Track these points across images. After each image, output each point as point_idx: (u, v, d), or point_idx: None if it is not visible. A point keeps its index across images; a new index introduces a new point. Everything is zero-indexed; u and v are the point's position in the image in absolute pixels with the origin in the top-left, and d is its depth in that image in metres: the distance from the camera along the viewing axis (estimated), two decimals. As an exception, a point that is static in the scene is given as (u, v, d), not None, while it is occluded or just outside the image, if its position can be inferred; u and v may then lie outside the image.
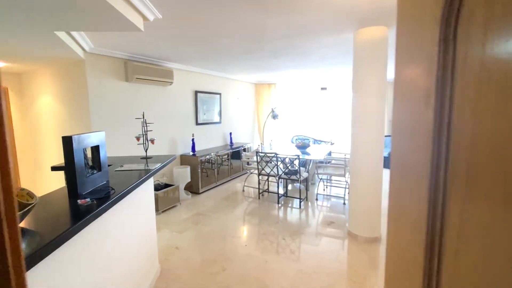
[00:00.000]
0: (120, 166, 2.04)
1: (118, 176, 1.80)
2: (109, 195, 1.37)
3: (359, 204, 3.07)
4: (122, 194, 1.47)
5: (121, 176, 1.81)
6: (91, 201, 1.24)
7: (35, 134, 4.35)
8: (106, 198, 1.34)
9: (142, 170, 1.93)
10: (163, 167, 2.18)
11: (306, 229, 3.38)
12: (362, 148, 2.99)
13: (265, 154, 4.33)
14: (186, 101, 5.01)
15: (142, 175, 1.83)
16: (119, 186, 1.57)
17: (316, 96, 7.84)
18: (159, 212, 3.88)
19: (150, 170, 1.94)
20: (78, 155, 1.32)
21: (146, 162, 2.27)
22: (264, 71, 5.61)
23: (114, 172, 1.90)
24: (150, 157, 2.45)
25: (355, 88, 3.02)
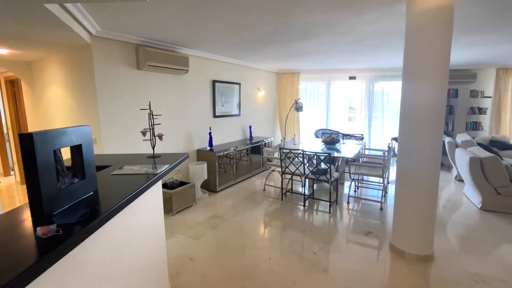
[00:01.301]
0: (119, 168, 1.66)
1: (113, 183, 1.41)
2: (87, 218, 0.97)
3: (406, 214, 2.53)
4: (111, 211, 1.07)
5: (117, 182, 1.42)
6: (56, 230, 0.84)
7: (46, 127, 4.14)
8: (84, 222, 0.94)
9: (144, 174, 1.53)
10: (172, 169, 1.78)
11: (339, 240, 2.89)
12: (413, 148, 2.43)
13: (290, 150, 3.84)
14: (202, 91, 4.60)
15: (144, 181, 1.43)
16: (111, 198, 1.18)
17: (343, 86, 7.18)
18: (173, 213, 3.54)
19: (155, 174, 1.53)
20: (44, 159, 0.92)
21: (153, 162, 1.87)
22: (289, 58, 5.07)
23: (109, 176, 1.51)
24: (159, 155, 2.05)
25: (407, 74, 2.44)
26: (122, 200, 1.16)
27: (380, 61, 5.66)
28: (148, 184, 1.43)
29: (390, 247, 2.72)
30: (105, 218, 1.05)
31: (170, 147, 4.03)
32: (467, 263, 2.46)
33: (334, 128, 7.23)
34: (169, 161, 1.88)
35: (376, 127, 7.25)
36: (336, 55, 4.90)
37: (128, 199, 1.22)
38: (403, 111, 2.50)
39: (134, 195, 1.28)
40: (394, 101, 7.10)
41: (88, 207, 1.07)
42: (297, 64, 6.03)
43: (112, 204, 1.12)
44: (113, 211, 1.09)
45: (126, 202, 1.21)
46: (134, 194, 1.27)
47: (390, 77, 6.98)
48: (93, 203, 1.11)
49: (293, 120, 7.10)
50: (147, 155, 2.07)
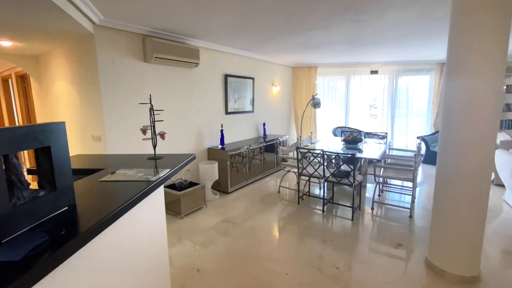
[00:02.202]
0: (111, 173, 1.40)
1: (99, 192, 1.15)
2: (46, 247, 0.70)
3: (448, 227, 2.16)
4: (87, 234, 0.80)
5: (104, 191, 1.16)
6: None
7: (54, 123, 3.99)
8: (40, 255, 0.67)
9: (138, 182, 1.26)
10: (175, 173, 1.50)
11: (364, 253, 2.55)
12: (460, 151, 2.04)
13: (308, 150, 3.51)
14: (214, 86, 4.33)
15: (137, 189, 1.16)
16: (91, 214, 0.92)
17: (364, 81, 6.72)
18: (182, 216, 3.30)
19: (151, 181, 1.26)
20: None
21: (154, 165, 1.61)
22: (306, 49, 4.70)
23: (97, 184, 1.25)
24: (160, 156, 1.79)
25: (452, 67, 2.05)
26: (107, 215, 0.89)
27: (406, 53, 5.18)
28: (142, 194, 1.16)
29: (426, 264, 2.35)
30: (76, 244, 0.78)
31: (179, 146, 3.79)
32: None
33: (354, 126, 6.80)
34: (171, 164, 1.61)
35: (400, 125, 6.76)
36: (358, 46, 4.49)
37: (113, 215, 0.95)
38: (447, 109, 2.11)
39: (122, 210, 1.01)
40: (419, 97, 6.58)
41: (55, 229, 0.80)
42: (314, 57, 5.65)
43: (90, 223, 0.85)
44: (90, 233, 0.83)
45: (110, 219, 0.94)
46: (120, 209, 1.00)
47: (416, 71, 6.46)
48: (63, 223, 0.85)
49: (309, 117, 6.73)
50: (148, 156, 1.81)
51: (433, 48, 4.70)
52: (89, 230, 0.84)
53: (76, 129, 3.40)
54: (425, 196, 4.02)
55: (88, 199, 1.07)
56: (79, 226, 0.86)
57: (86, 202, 1.05)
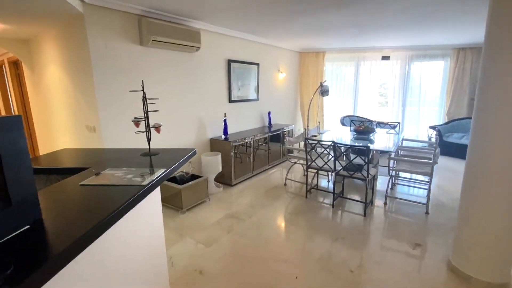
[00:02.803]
0: (96, 173, 1.19)
1: (77, 201, 0.94)
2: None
3: (477, 229, 1.94)
4: (49, 267, 0.60)
5: (83, 199, 0.95)
6: None
7: (47, 112, 3.79)
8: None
9: (127, 186, 1.05)
10: (172, 172, 1.29)
11: (380, 253, 2.36)
12: (496, 145, 1.79)
13: (318, 142, 3.27)
14: (217, 72, 4.06)
15: (123, 197, 0.95)
16: (63, 232, 0.71)
17: (374, 68, 6.36)
18: (183, 210, 3.13)
19: (142, 186, 1.05)
20: None
21: (149, 162, 1.40)
22: (314, 33, 4.38)
23: (76, 189, 1.04)
24: (156, 152, 1.57)
25: (492, 52, 1.77)
26: (73, 242, 0.69)
27: (420, 37, 4.83)
28: (131, 203, 0.95)
29: (448, 268, 2.16)
30: (34, 281, 0.58)
31: (179, 137, 3.58)
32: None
33: (363, 114, 6.50)
34: (168, 161, 1.40)
35: (411, 114, 6.45)
36: (372, 30, 4.15)
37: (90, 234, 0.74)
38: (481, 97, 1.85)
39: (105, 224, 0.80)
40: (432, 85, 6.24)
41: (3, 264, 0.60)
42: (322, 41, 5.31)
43: (57, 248, 0.64)
44: (56, 262, 0.62)
45: (86, 239, 0.73)
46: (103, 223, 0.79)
47: (430, 57, 6.09)
48: (15, 251, 0.64)
49: (317, 105, 6.44)
50: (142, 151, 1.60)
51: (450, 32, 4.35)
52: (55, 259, 0.63)
53: (70, 118, 3.19)
54: (437, 189, 3.79)
55: (61, 211, 0.87)
56: (43, 251, 0.65)
57: (58, 215, 0.84)
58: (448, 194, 3.64)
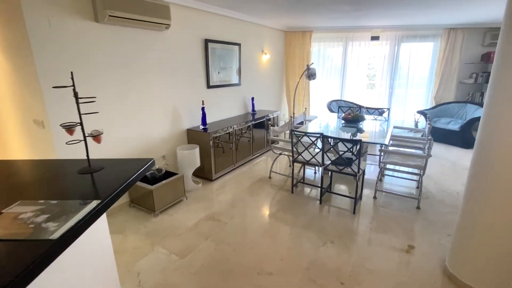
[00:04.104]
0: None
1: None
2: None
3: (479, 235, 1.76)
4: None
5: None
6: None
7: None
8: None
9: (27, 241, 0.70)
10: (109, 205, 0.95)
11: (372, 259, 2.17)
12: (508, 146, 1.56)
13: (304, 133, 2.98)
14: (192, 54, 3.60)
15: (18, 263, 0.61)
16: None
17: (363, 48, 6.03)
18: (156, 213, 2.81)
19: (51, 241, 0.70)
20: None
21: (91, 183, 1.04)
22: (303, 9, 3.95)
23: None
24: (98, 168, 1.21)
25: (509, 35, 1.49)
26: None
27: (411, 16, 4.50)
28: (27, 274, 0.61)
29: (445, 273, 2.00)
30: None
31: (150, 130, 3.17)
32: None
33: (350, 98, 6.26)
34: (112, 182, 1.05)
35: (398, 97, 6.27)
36: (364, 7, 3.77)
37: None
38: (495, 87, 1.59)
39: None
40: (421, 67, 6.02)
41: None
42: (310, 20, 4.88)
43: None
44: None
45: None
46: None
47: (420, 37, 5.82)
48: None
49: (303, 90, 6.11)
50: (79, 169, 1.23)
51: (443, 11, 4.05)
52: None
53: (16, 111, 2.70)
54: (426, 179, 3.65)
55: None
56: None
57: None
58: (437, 185, 3.51)
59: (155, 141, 3.23)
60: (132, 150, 2.97)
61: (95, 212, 0.88)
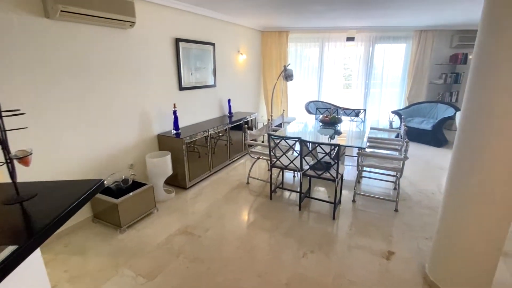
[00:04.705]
0: None
1: None
2: None
3: (457, 246, 1.73)
4: None
5: None
6: None
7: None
8: None
9: None
10: (29, 252, 0.75)
11: (352, 270, 2.09)
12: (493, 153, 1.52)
13: (282, 138, 2.86)
14: (161, 54, 3.36)
15: None
16: None
17: (339, 49, 6.05)
18: (123, 229, 2.56)
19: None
20: None
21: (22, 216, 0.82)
22: (278, 9, 3.83)
23: None
24: (30, 195, 0.99)
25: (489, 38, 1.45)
26: None
27: (385, 18, 4.56)
28: None
29: (425, 281, 1.96)
30: None
31: (114, 137, 2.90)
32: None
33: (327, 99, 6.27)
34: (47, 210, 0.84)
35: (373, 97, 6.37)
36: (337, 7, 3.73)
37: None
38: (472, 93, 1.55)
39: None
40: (394, 67, 6.16)
41: None
42: (286, 20, 4.79)
43: None
44: None
45: None
46: None
47: (393, 39, 5.94)
48: None
49: (280, 91, 6.02)
50: (5, 196, 1.00)
51: (413, 13, 4.13)
52: None
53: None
54: (402, 179, 3.68)
55: None
56: None
57: None
58: (413, 185, 3.54)
59: (120, 150, 2.96)
60: (92, 163, 2.69)
61: (11, 261, 0.68)
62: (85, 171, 2.62)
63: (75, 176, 2.54)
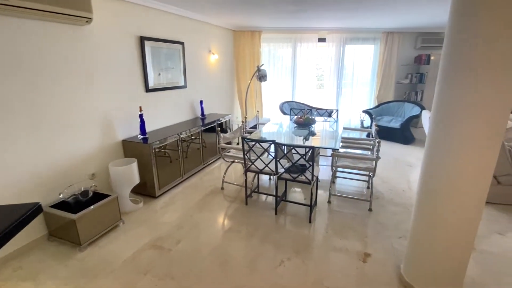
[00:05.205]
0: None
1: None
2: None
3: (431, 242, 1.74)
4: None
5: None
6: None
7: None
8: None
9: None
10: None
11: (330, 275, 2.04)
12: (454, 147, 1.54)
13: (257, 141, 2.76)
14: (124, 53, 3.11)
15: None
16: None
17: (311, 50, 6.09)
18: (83, 246, 2.31)
19: None
20: None
21: None
22: (249, 8, 3.74)
23: None
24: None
25: (452, 43, 1.46)
26: None
27: (353, 19, 4.65)
28: None
29: (401, 282, 1.96)
30: None
31: (72, 144, 2.63)
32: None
33: (301, 99, 6.29)
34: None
35: (345, 97, 6.52)
36: (309, 8, 3.71)
37: None
38: (440, 97, 1.56)
39: None
40: (364, 68, 6.34)
41: None
42: (258, 19, 4.71)
43: None
44: None
45: None
46: None
47: (362, 40, 6.10)
48: None
49: (254, 92, 5.93)
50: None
51: (381, 15, 4.25)
52: None
53: None
54: (375, 178, 3.77)
55: None
56: None
57: None
58: (385, 183, 3.62)
59: (80, 158, 2.69)
60: (46, 174, 2.41)
61: None
62: (37, 183, 2.33)
63: (23, 190, 2.25)
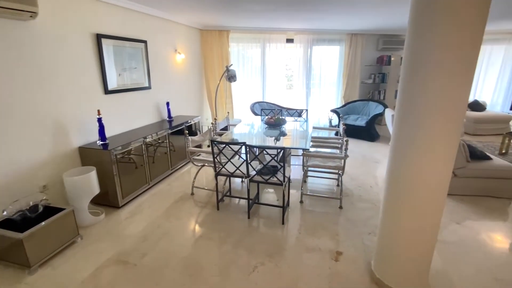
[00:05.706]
0: None
1: None
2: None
3: (397, 237, 1.79)
4: None
5: None
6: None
7: None
8: None
9: None
10: None
11: (305, 279, 2.02)
12: (418, 146, 1.59)
13: (226, 144, 2.67)
14: (78, 51, 2.84)
15: None
16: None
17: (280, 50, 6.13)
18: (33, 269, 2.05)
19: None
20: None
21: None
22: (214, 6, 3.63)
23: None
24: None
25: (414, 43, 1.50)
26: None
27: (320, 21, 4.76)
28: None
29: (372, 279, 2.00)
30: None
31: (18, 153, 2.33)
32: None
33: (271, 99, 6.31)
34: None
35: (314, 96, 6.66)
36: (276, 7, 3.71)
37: None
38: (402, 94, 1.60)
39: None
40: (331, 68, 6.53)
41: None
42: (225, 19, 4.61)
43: None
44: None
45: None
46: None
47: (328, 41, 6.27)
48: None
49: (224, 92, 5.82)
50: None
51: (345, 17, 4.39)
52: None
53: None
54: (343, 176, 3.87)
55: None
56: None
57: None
58: (353, 180, 3.73)
59: (28, 169, 2.40)
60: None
61: None
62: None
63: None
